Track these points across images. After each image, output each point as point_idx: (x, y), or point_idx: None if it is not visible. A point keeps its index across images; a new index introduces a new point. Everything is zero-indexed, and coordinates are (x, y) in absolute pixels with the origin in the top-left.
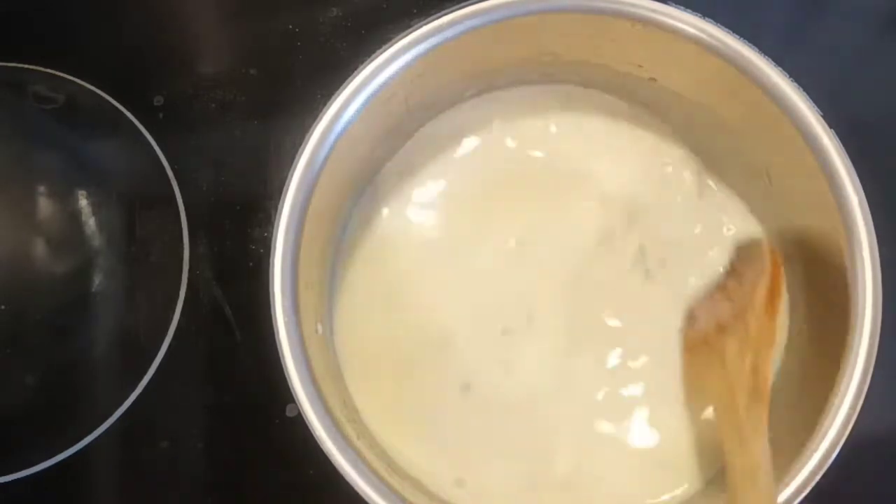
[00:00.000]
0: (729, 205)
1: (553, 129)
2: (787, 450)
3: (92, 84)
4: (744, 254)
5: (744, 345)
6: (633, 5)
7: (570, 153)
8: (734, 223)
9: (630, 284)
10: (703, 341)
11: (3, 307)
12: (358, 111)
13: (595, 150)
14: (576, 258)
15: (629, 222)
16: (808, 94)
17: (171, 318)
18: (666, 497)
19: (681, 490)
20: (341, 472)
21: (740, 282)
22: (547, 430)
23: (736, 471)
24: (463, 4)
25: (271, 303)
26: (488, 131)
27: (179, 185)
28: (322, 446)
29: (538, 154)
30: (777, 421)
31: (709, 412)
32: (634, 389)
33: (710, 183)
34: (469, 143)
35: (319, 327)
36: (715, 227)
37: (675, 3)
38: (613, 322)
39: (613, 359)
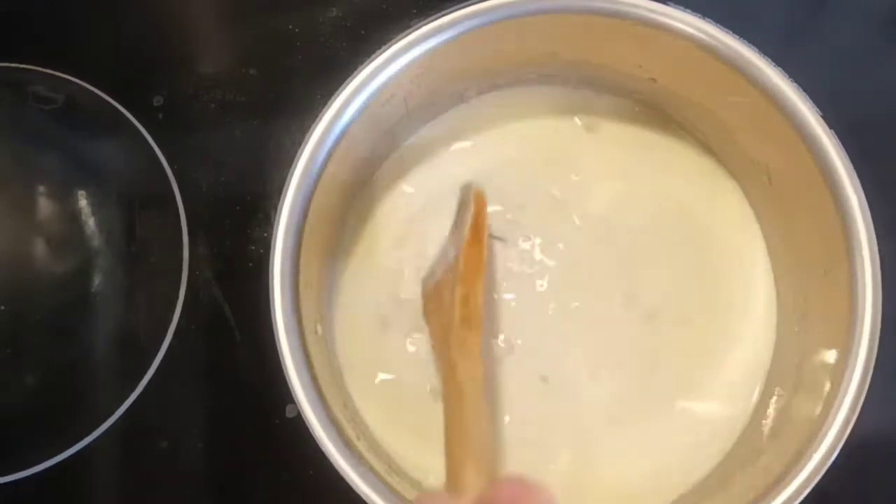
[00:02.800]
0: (728, 203)
1: (552, 129)
2: (789, 450)
3: (92, 84)
4: (461, 205)
5: (455, 279)
6: (633, 5)
7: (569, 154)
8: (733, 220)
9: (630, 285)
10: (433, 289)
11: (3, 307)
12: (358, 111)
13: (595, 151)
14: (576, 260)
15: (629, 222)
16: (808, 94)
17: (171, 318)
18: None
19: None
20: (341, 472)
21: (457, 229)
22: (546, 432)
23: (446, 394)
24: (463, 4)
25: (271, 303)
26: (488, 132)
27: (179, 185)
28: (322, 447)
29: (537, 155)
30: (778, 420)
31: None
32: (637, 391)
33: (710, 181)
34: (468, 144)
35: (319, 328)
36: (712, 224)
37: (675, 3)
38: (614, 312)
39: (617, 353)
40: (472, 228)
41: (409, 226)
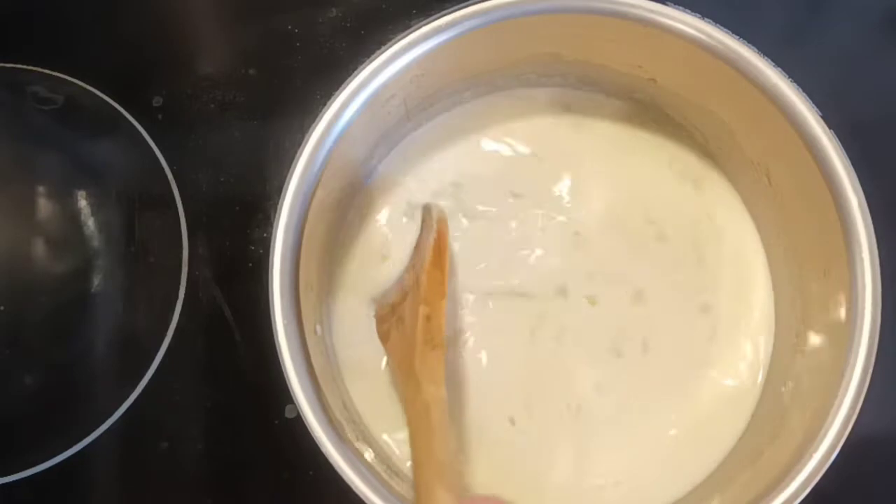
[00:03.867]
0: (727, 203)
1: (553, 130)
2: (789, 450)
3: (91, 85)
4: (422, 226)
5: (417, 300)
6: (633, 5)
7: (569, 154)
8: (732, 220)
9: (631, 286)
10: (389, 310)
11: (2, 307)
12: (357, 112)
13: (594, 151)
14: (573, 259)
15: (628, 223)
16: (808, 94)
17: (171, 319)
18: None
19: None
20: (340, 472)
21: (418, 250)
22: (546, 434)
23: (411, 414)
24: (463, 4)
25: (270, 304)
26: (488, 132)
27: (179, 185)
28: (321, 447)
29: (538, 155)
30: (778, 420)
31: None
32: (638, 394)
33: (709, 182)
34: (468, 144)
35: (318, 328)
36: (711, 225)
37: (675, 4)
38: (611, 311)
39: (614, 350)
40: (435, 250)
41: (410, 226)
